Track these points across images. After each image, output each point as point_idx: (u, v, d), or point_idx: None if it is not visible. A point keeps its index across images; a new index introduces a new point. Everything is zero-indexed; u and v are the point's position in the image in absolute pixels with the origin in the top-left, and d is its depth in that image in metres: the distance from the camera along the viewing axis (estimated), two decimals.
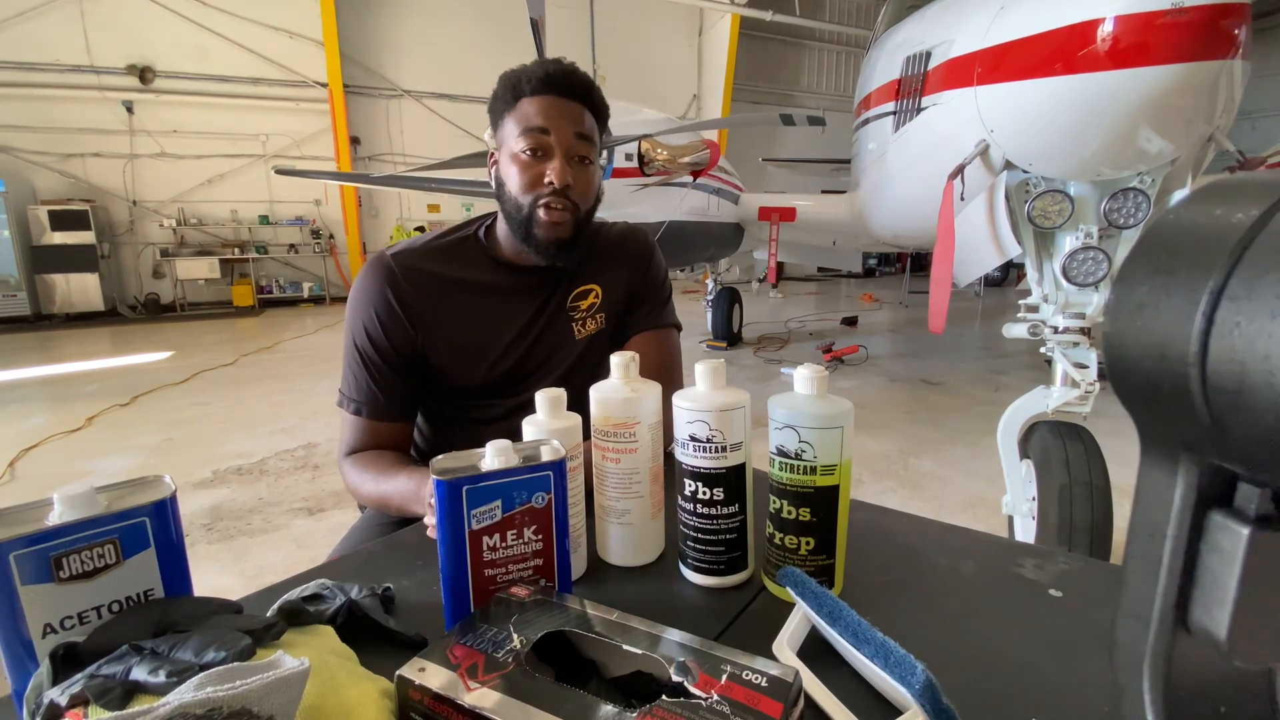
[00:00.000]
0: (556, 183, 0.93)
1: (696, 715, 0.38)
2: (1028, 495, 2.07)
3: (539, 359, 1.05)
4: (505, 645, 0.45)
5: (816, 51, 12.85)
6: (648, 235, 1.19)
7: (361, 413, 0.99)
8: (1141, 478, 0.21)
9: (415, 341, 1.00)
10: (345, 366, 1.01)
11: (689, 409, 0.60)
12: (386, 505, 0.92)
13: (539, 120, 0.93)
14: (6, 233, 7.88)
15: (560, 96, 0.95)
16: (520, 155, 0.95)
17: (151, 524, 0.47)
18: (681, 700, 0.40)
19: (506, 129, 0.97)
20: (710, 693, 0.40)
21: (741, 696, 0.40)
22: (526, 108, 0.94)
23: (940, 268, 2.20)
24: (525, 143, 0.94)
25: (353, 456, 0.99)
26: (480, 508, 0.54)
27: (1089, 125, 1.78)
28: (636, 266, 1.13)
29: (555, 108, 0.94)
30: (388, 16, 9.62)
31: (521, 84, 0.94)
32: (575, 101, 0.96)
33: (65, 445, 3.66)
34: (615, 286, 1.11)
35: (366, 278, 1.00)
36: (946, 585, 0.65)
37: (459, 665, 0.43)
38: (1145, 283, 0.19)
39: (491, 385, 1.03)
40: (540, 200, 0.95)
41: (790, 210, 5.27)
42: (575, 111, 0.96)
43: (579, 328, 1.08)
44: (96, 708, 0.35)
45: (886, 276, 13.34)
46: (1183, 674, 0.20)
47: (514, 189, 0.96)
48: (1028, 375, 4.94)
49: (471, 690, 0.41)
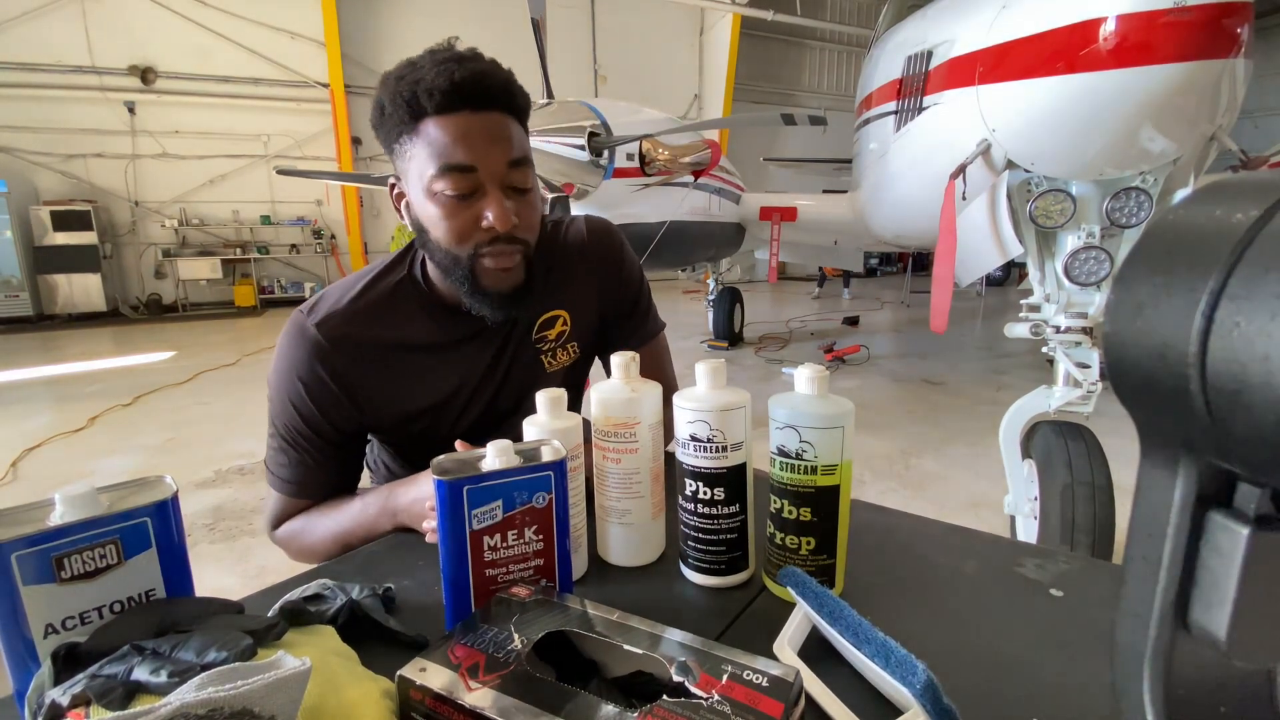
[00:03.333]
0: (500, 228, 0.76)
1: (697, 715, 0.38)
2: (1030, 495, 2.07)
3: (509, 404, 0.93)
4: (506, 645, 0.45)
5: (818, 51, 12.83)
6: (612, 233, 1.02)
7: (297, 495, 0.86)
8: (1141, 478, 0.21)
9: (358, 419, 0.86)
10: (271, 440, 0.86)
11: (690, 409, 0.60)
12: (349, 538, 0.81)
13: (459, 155, 0.73)
14: (9, 233, 7.90)
15: (476, 110, 0.74)
16: (442, 198, 0.75)
17: (153, 524, 0.47)
18: (682, 700, 0.40)
19: (410, 158, 0.76)
20: (711, 692, 0.40)
21: (742, 696, 0.40)
22: (435, 133, 0.74)
23: (942, 267, 2.20)
24: (446, 184, 0.75)
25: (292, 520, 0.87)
26: (481, 508, 0.54)
27: (1091, 125, 1.77)
28: (606, 277, 0.98)
29: (475, 131, 0.74)
30: (389, 17, 9.63)
31: (420, 98, 0.73)
32: (495, 111, 0.76)
33: (67, 445, 3.67)
34: (585, 306, 0.97)
35: (291, 351, 0.82)
36: (948, 585, 0.65)
37: (460, 665, 0.43)
38: (1145, 283, 0.19)
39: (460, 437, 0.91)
40: (481, 249, 0.78)
41: (791, 210, 5.27)
42: (499, 128, 0.76)
43: (549, 360, 0.94)
44: (98, 708, 0.35)
45: (888, 276, 13.32)
46: (1182, 674, 0.20)
47: (443, 239, 0.77)
48: (1030, 375, 4.94)
49: (472, 690, 0.41)
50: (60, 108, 8.38)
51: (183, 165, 9.05)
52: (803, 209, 5.28)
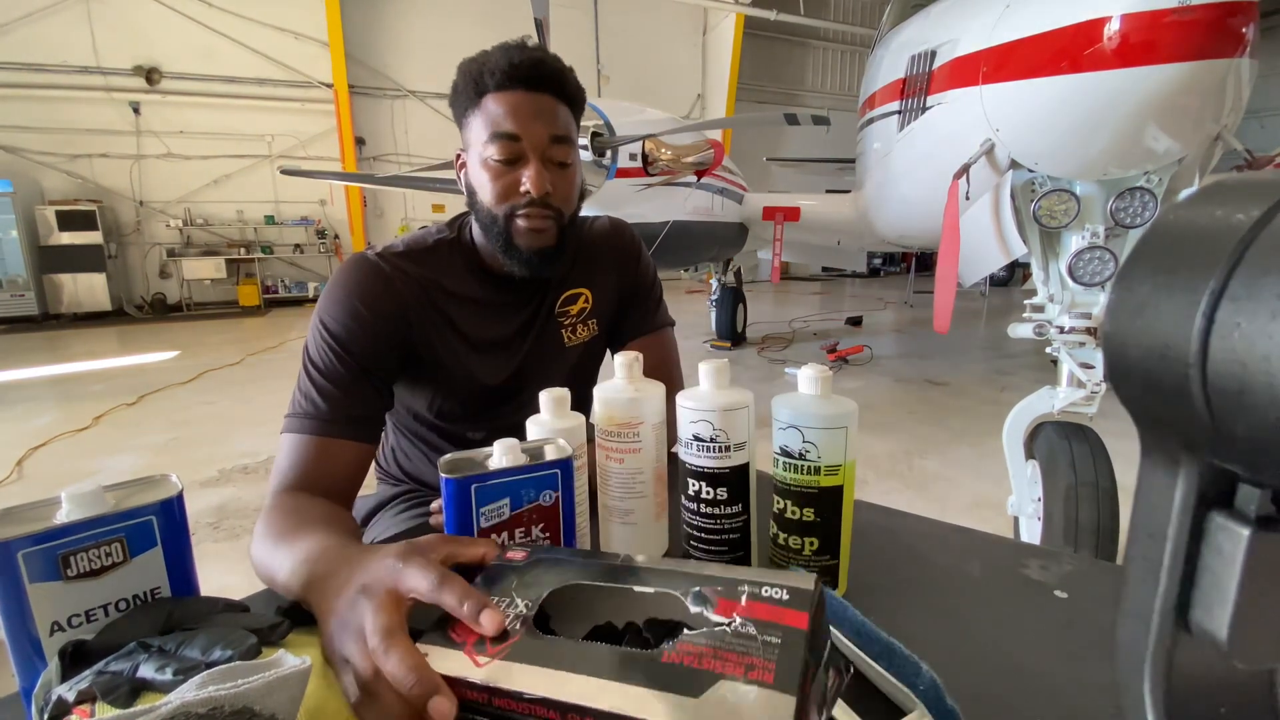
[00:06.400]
0: (534, 192, 0.86)
1: (723, 642, 0.36)
2: (1033, 496, 2.07)
3: (529, 374, 0.98)
4: (509, 613, 0.42)
5: (821, 51, 12.83)
6: (633, 232, 1.12)
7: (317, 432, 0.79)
8: (1142, 478, 0.21)
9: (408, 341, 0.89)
10: (301, 383, 0.84)
11: (692, 409, 0.61)
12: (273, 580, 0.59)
13: (508, 124, 0.84)
14: (14, 233, 7.94)
15: (529, 91, 0.85)
16: (490, 163, 0.86)
17: (158, 523, 0.47)
18: (705, 630, 0.38)
19: (472, 129, 0.88)
20: (733, 616, 0.38)
21: (765, 614, 0.38)
22: (492, 107, 0.85)
23: (945, 267, 2.20)
24: (494, 150, 0.85)
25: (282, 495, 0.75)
26: (489, 506, 0.54)
27: (1095, 124, 1.77)
28: (625, 268, 1.08)
29: (525, 106, 0.85)
30: (393, 17, 9.65)
31: (484, 77, 0.85)
32: (546, 94, 0.87)
33: (73, 444, 3.68)
34: (605, 290, 1.05)
35: (349, 276, 0.88)
36: (951, 586, 0.65)
37: (464, 643, 0.41)
38: (1145, 283, 0.19)
39: (478, 405, 0.97)
40: (517, 210, 0.87)
41: (795, 210, 5.26)
42: (547, 108, 0.87)
43: (569, 334, 1.02)
44: (103, 704, 0.36)
45: (891, 276, 13.31)
46: (1183, 675, 0.20)
47: (487, 199, 0.88)
48: (1033, 375, 4.92)
49: (482, 665, 0.39)
50: (66, 108, 8.42)
51: (187, 165, 9.09)
52: (806, 209, 5.28)
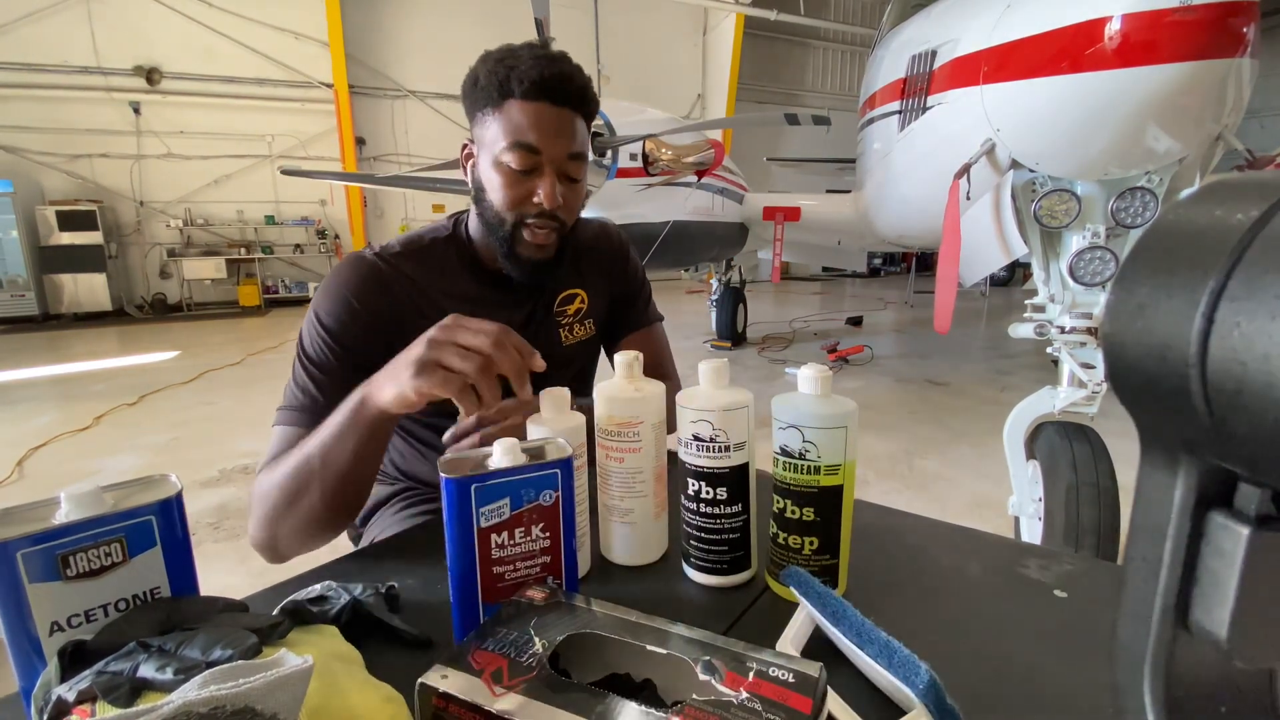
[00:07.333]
0: (547, 205, 0.87)
1: (729, 713, 0.38)
2: (1034, 496, 2.07)
3: None
4: (528, 649, 0.44)
5: (821, 51, 12.82)
6: (621, 234, 1.16)
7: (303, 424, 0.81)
8: (1142, 478, 0.21)
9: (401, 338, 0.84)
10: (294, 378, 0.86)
11: (692, 409, 0.61)
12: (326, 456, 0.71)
13: (530, 136, 0.85)
14: (15, 233, 7.94)
15: (554, 105, 0.86)
16: (506, 167, 0.87)
17: (158, 523, 0.47)
18: (713, 699, 0.39)
19: (490, 128, 0.88)
20: (739, 690, 0.40)
21: (771, 693, 0.39)
22: (515, 114, 0.85)
23: (946, 267, 2.20)
24: (513, 158, 0.86)
25: None
26: (489, 505, 0.54)
27: (1096, 124, 1.77)
28: (614, 269, 1.12)
29: (549, 121, 0.86)
30: (393, 17, 9.65)
31: (510, 81, 0.84)
32: (568, 109, 0.88)
33: (73, 444, 3.68)
34: (598, 291, 1.09)
35: (345, 274, 0.90)
36: (951, 586, 0.65)
37: (483, 671, 0.42)
38: (1145, 283, 0.19)
39: None
40: (526, 219, 0.89)
41: (795, 210, 5.26)
42: (569, 124, 0.88)
43: (566, 334, 1.04)
44: (104, 704, 0.36)
45: (892, 276, 13.30)
46: (1183, 674, 0.20)
47: (497, 202, 0.89)
48: (1034, 375, 4.92)
49: (498, 696, 0.40)
50: (66, 108, 8.42)
51: (187, 165, 9.09)
52: (806, 209, 5.28)
